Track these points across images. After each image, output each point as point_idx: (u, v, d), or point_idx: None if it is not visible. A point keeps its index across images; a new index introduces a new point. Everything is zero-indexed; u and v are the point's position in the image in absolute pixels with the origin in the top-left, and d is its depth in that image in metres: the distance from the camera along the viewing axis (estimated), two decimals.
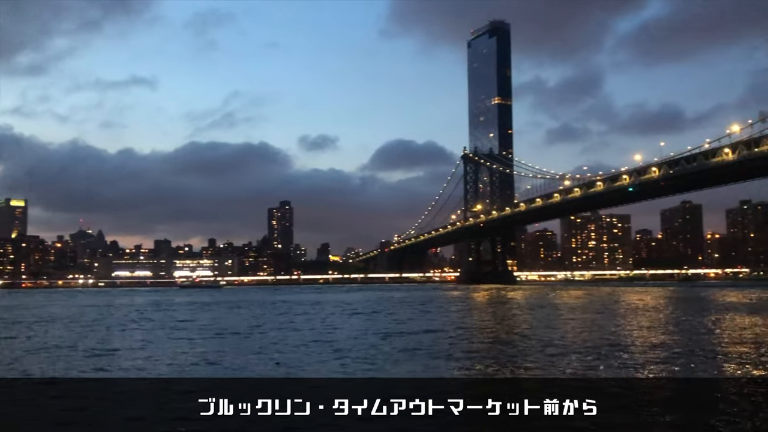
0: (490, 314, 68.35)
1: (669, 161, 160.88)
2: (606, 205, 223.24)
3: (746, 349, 31.17)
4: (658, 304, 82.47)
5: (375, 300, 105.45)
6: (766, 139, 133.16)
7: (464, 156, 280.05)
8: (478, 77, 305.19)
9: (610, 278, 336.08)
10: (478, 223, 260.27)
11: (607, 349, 31.28)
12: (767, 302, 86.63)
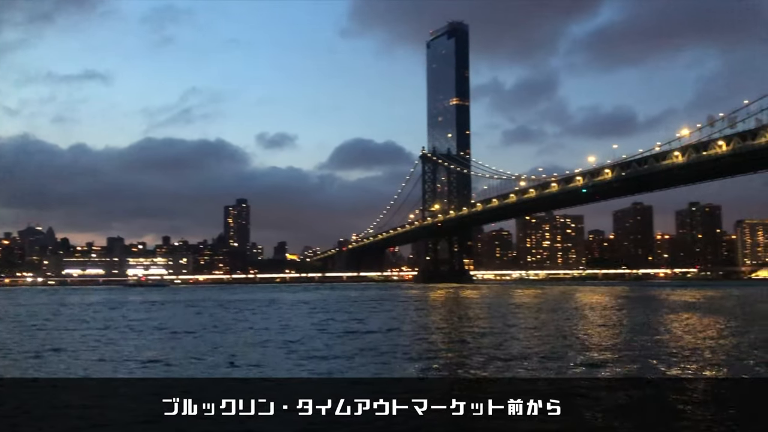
0: (448, 313, 68.85)
1: (621, 163, 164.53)
2: (560, 206, 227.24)
3: (698, 348, 32.07)
4: (611, 304, 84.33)
5: (333, 299, 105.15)
6: (714, 143, 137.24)
7: (423, 156, 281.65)
8: (437, 78, 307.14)
9: (563, 277, 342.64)
10: (435, 222, 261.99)
11: (566, 348, 31.77)
12: (714, 301, 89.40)
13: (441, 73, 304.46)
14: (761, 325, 46.98)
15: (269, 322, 53.34)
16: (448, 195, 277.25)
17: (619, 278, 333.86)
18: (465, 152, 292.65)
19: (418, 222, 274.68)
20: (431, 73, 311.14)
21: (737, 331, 42.19)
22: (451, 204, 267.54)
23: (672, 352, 29.92)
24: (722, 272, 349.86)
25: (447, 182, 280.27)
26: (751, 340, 35.45)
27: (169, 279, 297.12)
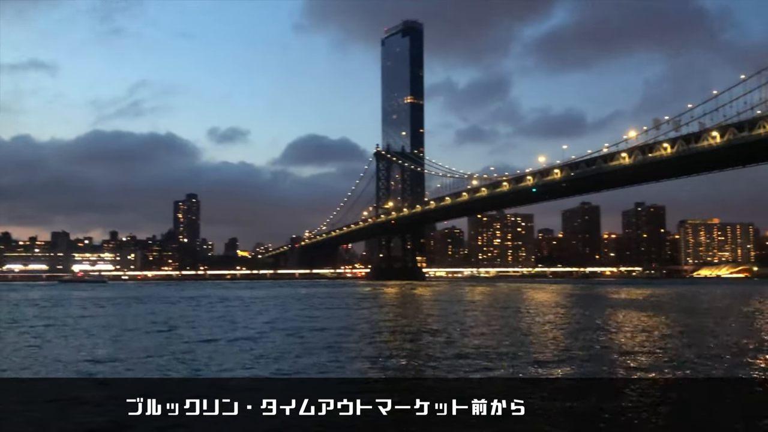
0: (402, 311, 69.23)
1: (570, 164, 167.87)
2: (511, 205, 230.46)
3: (649, 346, 33.07)
4: (562, 302, 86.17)
5: (285, 296, 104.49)
6: (660, 145, 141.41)
7: (377, 153, 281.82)
8: (392, 76, 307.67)
9: (513, 275, 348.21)
10: (389, 220, 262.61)
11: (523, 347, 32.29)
12: (657, 300, 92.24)
13: (396, 71, 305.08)
14: (705, 324, 48.74)
15: (221, 320, 52.73)
16: (402, 192, 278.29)
17: (567, 276, 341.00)
18: (419, 150, 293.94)
19: (371, 219, 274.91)
20: (386, 71, 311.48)
21: (683, 328, 43.72)
22: (405, 202, 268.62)
23: (625, 351, 30.79)
24: (666, 271, 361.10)
25: (401, 180, 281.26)
26: (697, 339, 36.82)
27: (108, 275, 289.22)
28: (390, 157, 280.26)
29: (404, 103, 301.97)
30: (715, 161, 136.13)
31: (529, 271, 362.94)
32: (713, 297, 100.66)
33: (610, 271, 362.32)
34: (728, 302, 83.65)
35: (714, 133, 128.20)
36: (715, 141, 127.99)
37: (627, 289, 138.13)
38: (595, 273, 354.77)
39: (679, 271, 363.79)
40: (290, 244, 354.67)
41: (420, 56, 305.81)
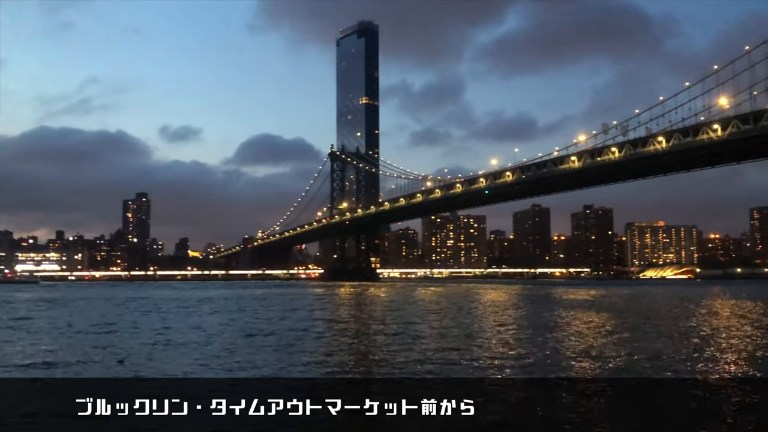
0: (356, 311, 69.25)
1: (522, 167, 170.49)
2: (464, 206, 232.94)
3: (597, 346, 33.89)
4: (513, 302, 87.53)
5: (237, 297, 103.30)
6: (608, 149, 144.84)
7: (331, 153, 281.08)
8: (347, 76, 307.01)
9: (465, 276, 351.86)
10: (344, 220, 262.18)
11: (474, 347, 32.73)
12: (605, 300, 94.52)
13: (351, 72, 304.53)
14: (651, 323, 50.14)
15: (170, 320, 51.86)
16: (357, 193, 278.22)
17: (517, 277, 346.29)
18: (373, 151, 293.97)
19: (325, 220, 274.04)
20: (341, 72, 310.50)
21: (630, 329, 44.91)
22: (359, 202, 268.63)
23: (574, 351, 31.47)
24: (613, 272, 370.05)
25: (355, 180, 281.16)
26: (643, 338, 37.88)
27: (38, 275, 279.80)
28: (345, 157, 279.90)
29: (359, 104, 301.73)
30: (661, 165, 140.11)
31: (481, 271, 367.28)
32: (659, 297, 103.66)
33: (559, 272, 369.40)
34: (672, 302, 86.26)
35: (660, 138, 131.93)
36: (661, 146, 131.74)
37: (575, 290, 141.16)
38: (544, 274, 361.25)
39: (626, 273, 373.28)
40: (243, 245, 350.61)
41: (375, 57, 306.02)
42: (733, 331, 42.77)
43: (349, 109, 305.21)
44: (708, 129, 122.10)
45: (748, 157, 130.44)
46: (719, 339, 37.18)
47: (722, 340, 36.36)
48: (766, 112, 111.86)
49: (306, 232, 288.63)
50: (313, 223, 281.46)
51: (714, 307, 74.07)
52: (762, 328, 45.39)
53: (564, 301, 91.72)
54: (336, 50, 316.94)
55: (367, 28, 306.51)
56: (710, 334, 40.56)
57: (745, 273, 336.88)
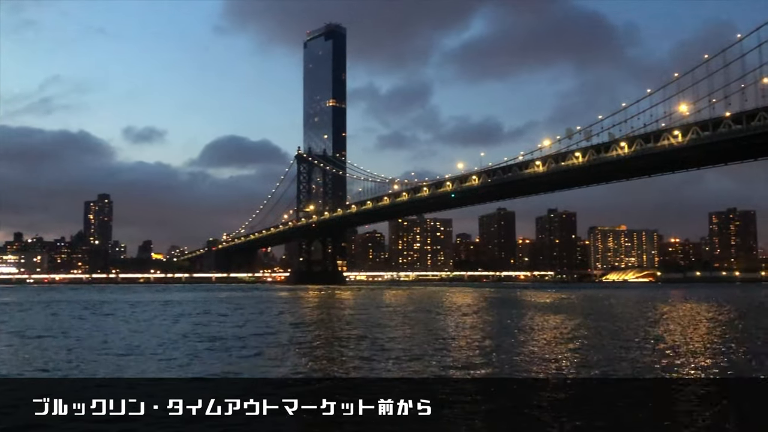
0: (319, 314, 68.86)
1: (488, 171, 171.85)
2: (431, 210, 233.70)
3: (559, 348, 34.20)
4: (478, 304, 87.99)
5: (200, 300, 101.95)
6: (572, 154, 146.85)
7: (298, 156, 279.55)
8: (314, 78, 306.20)
9: (432, 279, 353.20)
10: (310, 223, 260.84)
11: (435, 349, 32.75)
12: (568, 303, 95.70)
13: (318, 74, 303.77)
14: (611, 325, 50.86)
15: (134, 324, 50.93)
16: (323, 196, 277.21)
17: (483, 280, 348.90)
18: (340, 154, 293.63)
19: (292, 222, 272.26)
20: (308, 74, 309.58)
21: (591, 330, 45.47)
22: (326, 205, 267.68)
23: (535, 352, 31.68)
24: (576, 275, 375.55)
25: (322, 183, 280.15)
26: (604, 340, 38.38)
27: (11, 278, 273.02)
28: (311, 159, 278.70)
29: (326, 106, 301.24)
30: (624, 170, 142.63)
31: (448, 274, 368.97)
32: (620, 300, 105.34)
33: (524, 275, 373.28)
34: (634, 305, 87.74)
35: (622, 144, 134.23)
36: (624, 151, 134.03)
37: (539, 293, 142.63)
38: (509, 277, 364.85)
39: (589, 276, 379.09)
40: (207, 247, 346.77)
41: (342, 60, 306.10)
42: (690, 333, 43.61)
43: (316, 112, 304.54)
44: (669, 135, 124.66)
45: (708, 163, 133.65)
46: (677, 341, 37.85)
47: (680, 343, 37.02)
48: (725, 119, 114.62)
49: (272, 234, 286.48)
50: (279, 226, 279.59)
51: (674, 310, 75.49)
52: (718, 331, 46.39)
53: (528, 303, 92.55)
54: (303, 52, 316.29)
55: (335, 30, 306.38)
56: (668, 336, 41.28)
57: (704, 277, 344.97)
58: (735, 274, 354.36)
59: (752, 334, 43.17)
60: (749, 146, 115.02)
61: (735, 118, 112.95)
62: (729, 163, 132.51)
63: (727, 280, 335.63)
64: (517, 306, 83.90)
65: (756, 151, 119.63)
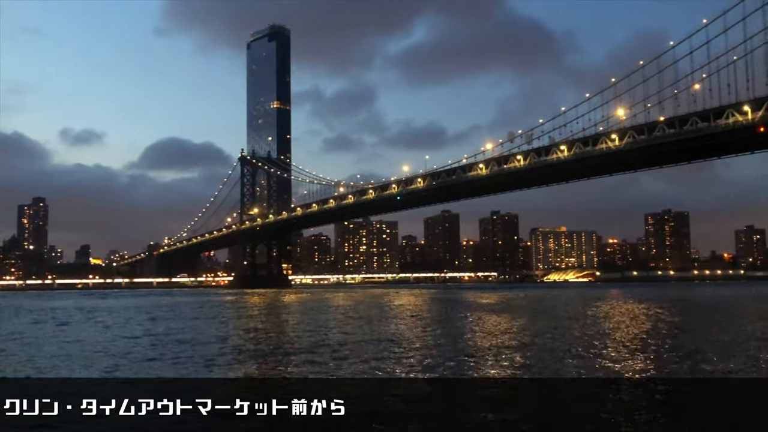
0: (259, 318, 67.95)
1: (432, 173, 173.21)
2: (377, 212, 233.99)
3: (499, 347, 34.52)
4: (422, 305, 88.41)
5: (137, 306, 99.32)
6: (514, 157, 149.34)
7: (242, 158, 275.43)
8: (258, 80, 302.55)
9: (378, 281, 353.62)
10: (254, 226, 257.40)
11: (368, 349, 32.65)
12: (511, 303, 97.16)
13: (262, 76, 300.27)
14: (551, 325, 51.77)
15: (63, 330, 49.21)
16: (268, 199, 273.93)
17: (428, 281, 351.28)
18: (285, 156, 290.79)
19: (235, 226, 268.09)
20: (251, 75, 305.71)
21: (532, 330, 46.19)
22: (271, 208, 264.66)
23: (471, 352, 31.89)
24: (518, 275, 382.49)
25: (267, 186, 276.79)
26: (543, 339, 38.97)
27: None
28: (255, 162, 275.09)
29: (270, 108, 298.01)
30: (564, 173, 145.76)
31: (394, 276, 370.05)
32: (561, 300, 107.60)
33: (468, 276, 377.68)
34: (574, 304, 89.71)
35: (562, 147, 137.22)
36: (563, 154, 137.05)
37: (483, 293, 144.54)
38: (454, 278, 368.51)
39: (531, 276, 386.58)
40: (148, 252, 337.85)
41: (287, 61, 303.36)
42: (629, 331, 44.79)
43: (260, 113, 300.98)
44: (606, 139, 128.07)
45: (644, 166, 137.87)
46: (613, 339, 38.78)
47: (616, 340, 37.94)
48: (659, 123, 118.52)
49: (215, 238, 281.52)
50: (223, 229, 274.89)
51: (611, 308, 77.54)
52: (652, 328, 47.81)
53: (471, 304, 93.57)
54: (246, 53, 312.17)
55: (279, 32, 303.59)
56: (605, 333, 42.28)
57: (641, 276, 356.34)
58: (670, 273, 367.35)
59: (685, 332, 44.68)
60: (682, 150, 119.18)
61: (669, 122, 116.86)
62: (664, 165, 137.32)
63: (663, 279, 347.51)
64: (460, 306, 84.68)
65: (689, 155, 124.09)
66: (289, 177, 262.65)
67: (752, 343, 35.65)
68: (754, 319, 59.19)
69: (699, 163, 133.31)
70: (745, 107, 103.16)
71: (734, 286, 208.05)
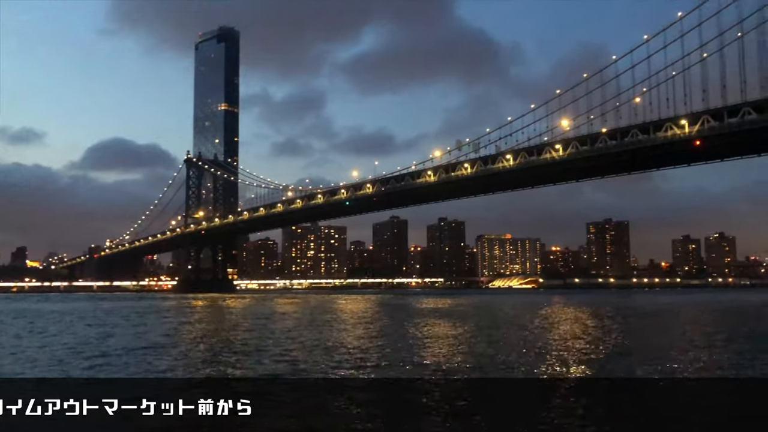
0: (196, 323, 66.69)
1: (381, 179, 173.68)
2: (325, 217, 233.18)
3: (439, 351, 34.66)
4: (367, 311, 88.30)
5: (71, 310, 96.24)
6: (461, 165, 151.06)
7: (187, 160, 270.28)
8: (206, 81, 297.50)
9: (325, 286, 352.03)
10: (199, 230, 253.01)
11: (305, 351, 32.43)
12: (456, 308, 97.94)
13: (209, 77, 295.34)
14: (494, 330, 52.36)
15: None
16: (214, 202, 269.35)
17: (376, 287, 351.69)
18: (232, 159, 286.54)
19: (180, 229, 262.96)
20: (199, 76, 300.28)
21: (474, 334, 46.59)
22: (217, 211, 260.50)
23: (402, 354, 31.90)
24: (465, 282, 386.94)
25: (213, 189, 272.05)
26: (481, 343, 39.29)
27: None
28: (202, 164, 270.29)
29: (218, 110, 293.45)
30: (509, 181, 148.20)
31: (341, 282, 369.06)
32: (505, 306, 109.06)
33: (415, 282, 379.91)
34: (518, 311, 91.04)
35: (508, 156, 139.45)
36: (509, 163, 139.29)
37: (429, 299, 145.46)
38: (402, 284, 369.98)
39: (476, 282, 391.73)
40: (88, 254, 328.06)
41: (236, 63, 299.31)
42: (570, 335, 45.61)
43: (207, 115, 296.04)
44: (551, 149, 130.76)
45: (586, 176, 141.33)
46: (554, 343, 39.41)
47: (557, 344, 38.57)
48: (601, 135, 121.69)
49: (158, 241, 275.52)
50: (167, 232, 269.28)
51: (553, 314, 79.00)
52: (593, 333, 48.89)
53: (417, 309, 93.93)
54: (194, 54, 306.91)
55: (228, 33, 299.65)
56: (546, 337, 42.95)
57: (583, 283, 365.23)
58: (610, 281, 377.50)
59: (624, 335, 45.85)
60: (623, 161, 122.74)
61: (611, 134, 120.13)
62: (605, 176, 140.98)
63: (603, 286, 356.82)
64: (406, 312, 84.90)
65: (629, 166, 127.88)
66: (236, 180, 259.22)
67: (684, 346, 36.88)
68: (688, 324, 61.49)
69: (639, 174, 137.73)
70: (682, 121, 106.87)
71: (671, 294, 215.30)
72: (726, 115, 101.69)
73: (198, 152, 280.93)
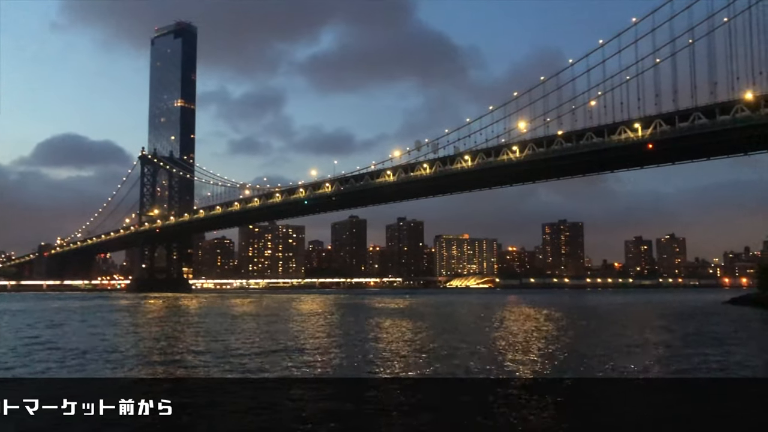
0: (144, 324, 65.37)
1: (341, 179, 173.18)
2: (283, 216, 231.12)
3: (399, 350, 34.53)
4: (325, 310, 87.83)
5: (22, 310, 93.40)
6: (420, 165, 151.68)
7: (142, 157, 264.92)
8: (161, 77, 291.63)
9: (283, 286, 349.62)
10: (154, 228, 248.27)
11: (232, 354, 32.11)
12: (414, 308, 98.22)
13: (166, 73, 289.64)
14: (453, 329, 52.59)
15: None
16: (169, 200, 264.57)
17: (334, 287, 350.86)
18: (189, 156, 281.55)
19: (134, 227, 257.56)
20: (155, 72, 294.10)
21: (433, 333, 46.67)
22: (172, 209, 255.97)
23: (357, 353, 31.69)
24: (423, 281, 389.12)
25: (168, 186, 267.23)
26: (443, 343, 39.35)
27: None
28: (157, 161, 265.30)
29: (174, 107, 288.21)
30: (467, 182, 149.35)
31: (299, 282, 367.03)
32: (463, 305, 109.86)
33: (374, 282, 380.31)
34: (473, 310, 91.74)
35: (466, 157, 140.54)
36: (467, 164, 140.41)
37: (387, 299, 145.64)
38: (360, 283, 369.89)
39: (434, 282, 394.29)
40: (38, 253, 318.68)
41: (193, 60, 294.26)
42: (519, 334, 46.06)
43: (163, 112, 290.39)
44: (508, 150, 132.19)
45: (542, 177, 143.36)
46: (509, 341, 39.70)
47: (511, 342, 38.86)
48: (557, 137, 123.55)
49: (111, 239, 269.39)
50: (120, 230, 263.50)
51: (510, 313, 79.88)
52: (547, 331, 49.48)
53: (374, 309, 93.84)
54: (151, 49, 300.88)
55: (185, 29, 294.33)
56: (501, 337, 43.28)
57: (538, 283, 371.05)
58: (565, 281, 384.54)
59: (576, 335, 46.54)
60: (578, 163, 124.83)
61: (566, 136, 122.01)
62: (561, 177, 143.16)
63: (558, 286, 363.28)
64: (363, 312, 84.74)
65: (584, 168, 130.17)
66: (192, 178, 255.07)
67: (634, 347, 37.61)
68: (638, 323, 62.89)
69: (593, 176, 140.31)
70: (636, 125, 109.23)
71: (623, 294, 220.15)
72: (677, 120, 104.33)
73: (153, 149, 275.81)
